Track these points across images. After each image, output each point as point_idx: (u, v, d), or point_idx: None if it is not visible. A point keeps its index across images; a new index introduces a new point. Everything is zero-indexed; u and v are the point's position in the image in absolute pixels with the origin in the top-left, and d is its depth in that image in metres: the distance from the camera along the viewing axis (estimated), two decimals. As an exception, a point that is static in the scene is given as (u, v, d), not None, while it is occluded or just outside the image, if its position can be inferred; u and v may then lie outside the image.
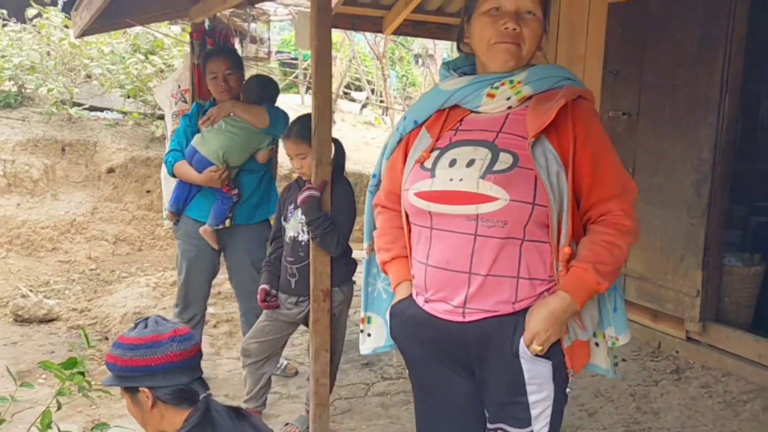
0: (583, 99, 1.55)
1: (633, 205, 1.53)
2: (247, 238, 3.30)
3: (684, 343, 3.82)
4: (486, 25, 1.53)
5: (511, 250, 1.47)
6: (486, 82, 1.56)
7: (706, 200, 3.55)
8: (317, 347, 2.63)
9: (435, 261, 1.53)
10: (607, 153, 1.52)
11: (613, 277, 1.51)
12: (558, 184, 1.45)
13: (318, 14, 2.44)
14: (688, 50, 3.58)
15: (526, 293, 1.50)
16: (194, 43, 4.27)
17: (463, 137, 1.56)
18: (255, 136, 3.23)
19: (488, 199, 1.44)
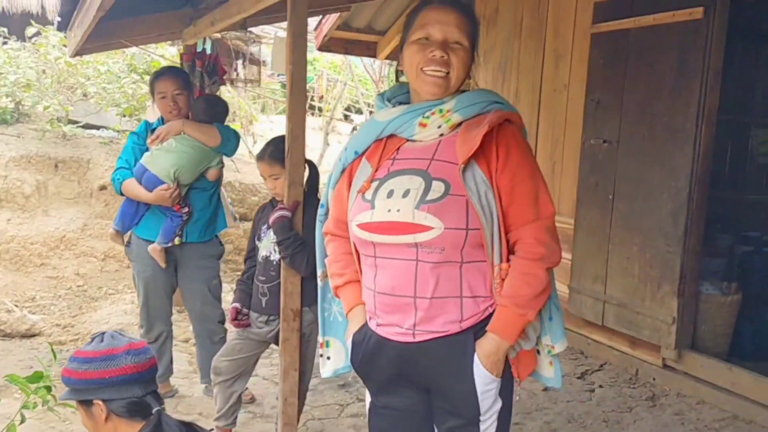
0: (510, 122, 1.63)
1: (546, 231, 1.57)
2: (199, 256, 3.34)
3: (660, 371, 3.83)
4: (415, 52, 1.62)
5: (451, 273, 1.55)
6: (417, 112, 1.64)
7: (682, 228, 3.58)
8: (286, 366, 2.66)
9: (382, 288, 1.60)
10: (524, 177, 1.58)
11: (536, 304, 1.56)
12: (488, 206, 1.53)
13: (293, 39, 2.51)
14: (666, 81, 3.64)
15: (471, 311, 1.57)
16: (184, 64, 4.35)
17: (399, 166, 1.63)
18: (206, 155, 3.27)
19: (424, 228, 1.51)
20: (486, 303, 1.58)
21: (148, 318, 3.40)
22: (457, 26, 1.61)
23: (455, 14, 1.62)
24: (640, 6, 3.77)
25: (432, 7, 1.64)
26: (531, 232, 1.55)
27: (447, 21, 1.61)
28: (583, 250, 4.24)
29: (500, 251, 1.55)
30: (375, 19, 6.71)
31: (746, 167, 5.69)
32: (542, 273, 1.55)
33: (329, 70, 17.10)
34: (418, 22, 1.63)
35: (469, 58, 1.64)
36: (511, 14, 4.94)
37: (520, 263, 1.55)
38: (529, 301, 1.54)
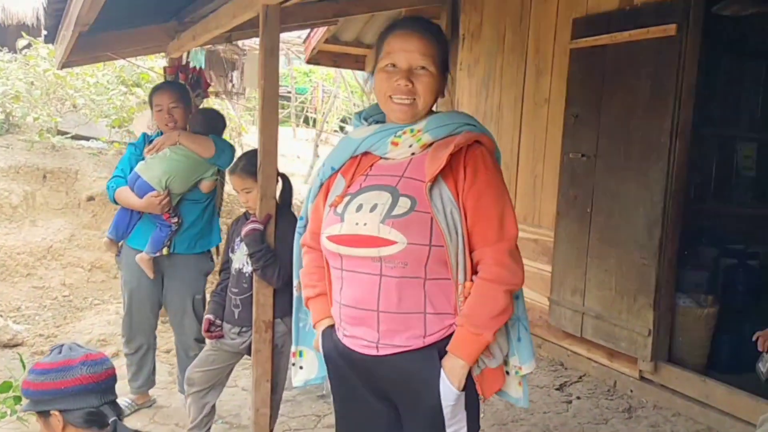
0: (479, 144, 1.66)
1: (508, 253, 1.60)
2: (187, 268, 3.35)
3: (638, 382, 3.86)
4: (383, 80, 1.67)
5: (414, 288, 1.58)
6: (390, 131, 1.69)
7: (657, 241, 3.62)
8: (258, 377, 2.69)
9: (347, 300, 1.64)
10: (489, 197, 1.61)
11: (493, 325, 1.58)
12: (453, 224, 1.56)
13: (265, 55, 2.55)
14: (642, 96, 3.69)
15: (435, 327, 1.60)
16: (167, 77, 4.40)
17: (371, 182, 1.68)
18: (199, 165, 3.30)
19: (388, 242, 1.55)
20: (450, 320, 1.60)
21: (129, 328, 3.42)
22: (420, 52, 1.64)
23: (418, 40, 1.65)
24: (616, 22, 3.83)
25: (395, 34, 1.68)
26: (493, 254, 1.59)
27: (410, 48, 1.63)
28: (562, 263, 4.27)
29: (465, 270, 1.58)
30: (363, 33, 6.77)
31: (731, 181, 5.75)
32: (500, 295, 1.57)
33: (325, 82, 17.19)
34: (385, 50, 1.67)
35: (437, 81, 1.68)
36: (493, 29, 5.01)
37: (479, 284, 1.58)
38: (485, 322, 1.56)
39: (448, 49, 1.75)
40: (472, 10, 5.26)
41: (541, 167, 4.59)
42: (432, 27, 1.72)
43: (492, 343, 1.61)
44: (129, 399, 3.46)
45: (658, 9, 3.58)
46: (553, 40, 4.45)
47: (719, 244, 4.99)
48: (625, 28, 3.74)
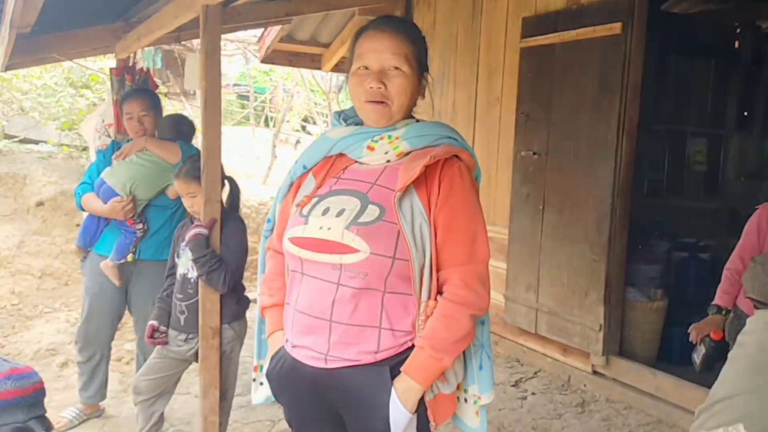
0: (458, 159, 1.58)
1: (477, 276, 1.52)
2: (153, 275, 3.28)
3: (590, 377, 3.91)
4: (355, 84, 1.59)
5: (371, 301, 1.50)
6: (367, 135, 1.62)
7: (606, 237, 3.67)
8: (206, 385, 2.65)
9: (300, 306, 1.56)
10: (463, 216, 1.53)
11: (454, 350, 1.51)
12: (421, 238, 1.49)
13: (207, 56, 2.51)
14: (589, 95, 3.74)
15: (388, 343, 1.51)
16: (113, 79, 4.30)
17: (341, 186, 1.60)
18: (165, 171, 3.23)
19: (351, 250, 1.47)
20: (405, 337, 1.52)
21: (85, 336, 3.34)
22: (392, 52, 1.56)
23: (390, 39, 1.57)
24: (563, 21, 3.87)
25: (367, 34, 1.61)
26: (461, 275, 1.51)
27: (381, 48, 1.56)
28: (516, 260, 4.31)
29: (429, 287, 1.50)
30: (318, 32, 6.73)
31: (683, 175, 5.88)
32: (465, 318, 1.50)
33: (285, 81, 17.06)
34: (357, 52, 1.61)
35: (411, 82, 1.59)
36: (446, 28, 5.02)
37: (443, 305, 1.50)
38: (447, 346, 1.48)
39: (425, 48, 1.66)
40: (426, 9, 5.27)
41: (494, 165, 4.61)
42: (405, 25, 1.65)
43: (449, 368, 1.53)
44: (77, 409, 3.38)
45: (603, 8, 3.63)
46: (504, 39, 4.48)
47: (672, 238, 5.09)
48: (573, 27, 3.78)
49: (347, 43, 6.61)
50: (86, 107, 6.56)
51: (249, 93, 15.80)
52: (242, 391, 3.28)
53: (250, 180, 8.75)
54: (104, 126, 4.70)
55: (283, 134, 13.21)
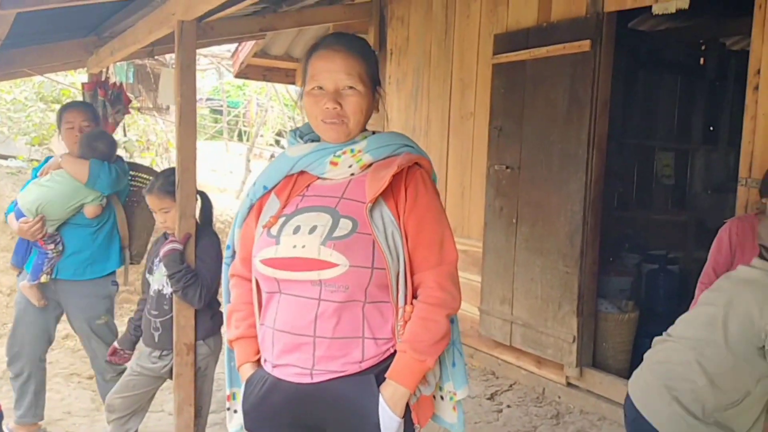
0: (419, 166, 1.63)
1: (448, 276, 1.58)
2: (79, 294, 3.24)
3: (565, 389, 3.95)
4: (311, 104, 1.60)
5: (353, 313, 1.52)
6: (329, 150, 1.63)
7: (578, 250, 3.73)
8: (180, 402, 2.62)
9: (281, 325, 1.55)
10: (430, 220, 1.58)
11: (435, 350, 1.55)
12: (395, 246, 1.53)
13: (181, 71, 2.51)
14: (560, 110, 3.81)
15: (372, 352, 1.54)
16: (86, 94, 4.27)
17: (308, 203, 1.61)
18: (78, 190, 3.16)
19: (329, 265, 1.48)
20: (387, 344, 1.55)
21: (10, 350, 3.29)
22: (345, 72, 1.58)
23: (343, 58, 1.59)
24: (534, 38, 3.94)
25: (318, 54, 1.62)
26: (434, 277, 1.56)
27: (334, 68, 1.58)
28: (491, 273, 4.35)
29: (405, 293, 1.54)
30: (293, 47, 6.76)
31: (652, 189, 5.99)
32: (442, 319, 1.55)
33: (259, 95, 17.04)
34: (309, 72, 1.61)
35: (366, 99, 1.62)
36: (420, 44, 5.08)
37: (421, 308, 1.54)
38: (428, 347, 1.53)
39: (376, 63, 1.69)
40: (399, 25, 5.33)
41: (468, 179, 4.66)
42: (356, 42, 1.66)
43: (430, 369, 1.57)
44: (8, 429, 3.30)
45: (572, 26, 3.71)
46: (476, 54, 4.55)
47: (641, 250, 5.18)
48: (543, 44, 3.86)
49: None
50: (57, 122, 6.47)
51: (222, 107, 15.74)
52: (217, 408, 3.24)
53: (223, 194, 8.71)
54: (76, 141, 4.66)
55: (257, 148, 13.19)
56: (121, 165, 3.32)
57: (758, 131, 2.95)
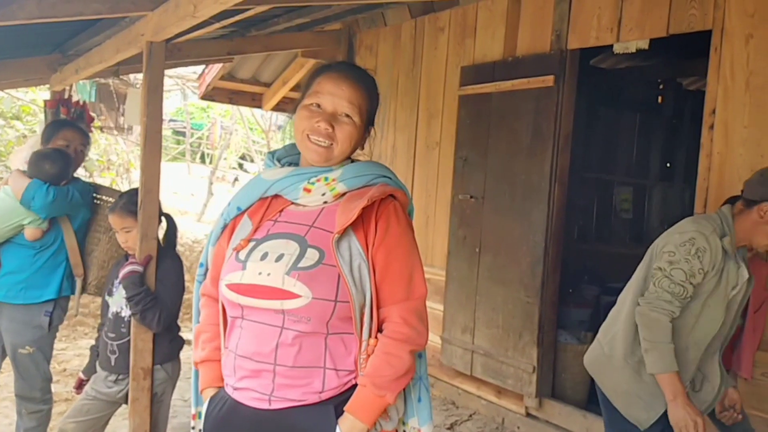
0: (393, 198, 1.62)
1: (415, 313, 1.55)
2: (8, 318, 3.09)
3: (524, 419, 3.97)
4: (304, 117, 1.60)
5: (315, 343, 1.51)
6: (303, 176, 1.62)
7: (539, 280, 3.78)
8: (135, 428, 2.56)
9: (242, 351, 1.54)
10: (399, 254, 1.56)
11: (396, 386, 1.53)
12: (360, 278, 1.51)
13: (148, 92, 2.49)
14: (523, 142, 3.88)
15: (333, 383, 1.52)
16: (48, 111, 4.20)
17: (279, 229, 1.60)
18: (14, 210, 3.04)
19: (292, 295, 1.47)
20: (348, 376, 1.54)
21: None
22: (348, 100, 1.59)
23: (350, 88, 1.60)
24: (500, 72, 4.03)
25: (329, 74, 1.63)
26: (399, 312, 1.53)
27: (339, 93, 1.59)
28: (453, 302, 4.36)
29: (369, 326, 1.52)
30: (260, 71, 6.78)
31: (611, 222, 6.12)
32: (405, 355, 1.52)
33: (223, 118, 16.98)
34: (314, 88, 1.62)
35: (358, 132, 1.62)
36: (388, 73, 5.13)
37: (384, 342, 1.52)
38: (389, 383, 1.51)
39: (377, 104, 1.70)
40: (368, 53, 5.39)
41: (433, 208, 4.70)
42: (366, 78, 1.67)
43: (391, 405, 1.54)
44: None
45: (537, 61, 3.80)
46: (443, 85, 4.62)
47: (600, 283, 5.27)
48: (509, 77, 3.94)
49: (289, 82, 6.68)
50: (16, 139, 6.34)
51: (185, 129, 15.62)
52: (174, 436, 3.17)
53: (184, 217, 8.60)
54: (35, 158, 4.57)
55: (220, 171, 13.09)
56: (77, 187, 3.16)
57: (713, 168, 3.05)
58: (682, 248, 2.12)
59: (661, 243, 2.23)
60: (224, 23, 3.47)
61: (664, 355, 2.12)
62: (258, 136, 15.20)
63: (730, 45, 2.99)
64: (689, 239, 2.13)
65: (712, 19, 3.05)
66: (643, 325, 2.15)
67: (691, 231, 2.15)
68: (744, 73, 2.94)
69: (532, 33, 3.93)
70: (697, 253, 2.10)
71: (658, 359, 2.13)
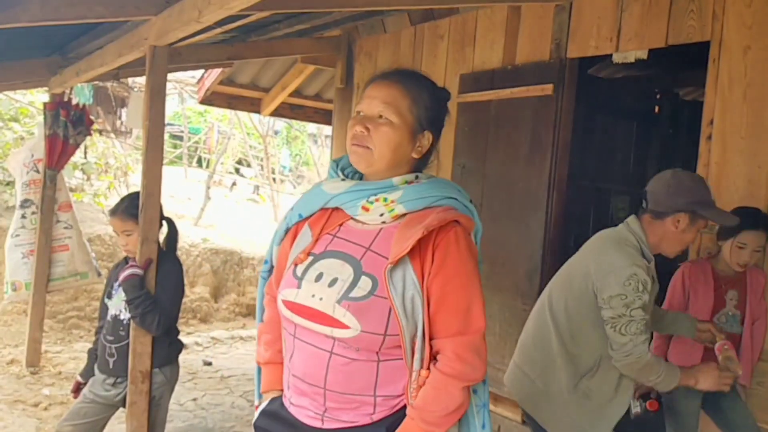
0: (456, 224, 1.53)
1: (470, 348, 1.50)
2: None
3: (520, 426, 3.96)
4: (350, 126, 1.58)
5: (366, 371, 1.48)
6: (363, 193, 1.57)
7: (537, 288, 3.78)
8: (133, 431, 2.55)
9: (295, 370, 1.55)
10: (456, 286, 1.49)
11: (445, 423, 1.48)
12: (412, 311, 1.46)
13: (151, 96, 2.50)
14: (522, 150, 3.90)
15: (383, 407, 1.51)
16: (47, 113, 4.20)
17: (337, 246, 1.57)
18: None
19: (342, 325, 1.45)
20: (398, 399, 1.51)
21: None
22: (383, 100, 1.54)
23: (387, 88, 1.56)
24: (499, 80, 4.04)
25: (374, 82, 1.60)
26: (453, 347, 1.47)
27: (376, 95, 1.56)
28: (450, 309, 4.36)
29: (421, 357, 1.46)
30: (259, 77, 6.78)
31: (607, 231, 6.12)
32: (457, 391, 1.47)
33: (221, 122, 16.97)
34: (362, 96, 1.60)
35: (399, 134, 1.54)
36: (386, 80, 5.14)
37: (436, 377, 1.46)
38: (438, 419, 1.46)
39: (430, 106, 1.60)
40: (367, 60, 5.40)
41: (430, 215, 4.70)
42: (411, 78, 1.61)
43: None
44: None
45: (536, 69, 3.82)
46: (442, 93, 4.63)
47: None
48: (508, 85, 3.96)
49: (288, 88, 6.69)
50: (13, 141, 6.33)
51: (183, 133, 15.60)
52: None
53: (181, 221, 8.58)
54: (33, 161, 4.58)
55: (217, 175, 13.08)
56: None
57: (711, 179, 3.06)
58: (629, 287, 2.06)
59: (598, 284, 2.13)
60: (225, 28, 3.48)
61: (669, 373, 2.13)
62: (255, 141, 15.19)
63: (728, 56, 3.02)
64: (631, 275, 2.07)
65: (711, 30, 3.08)
66: (639, 373, 2.14)
67: (627, 266, 2.09)
68: (742, 84, 2.96)
69: (531, 41, 3.95)
70: (645, 287, 2.08)
71: (670, 380, 2.14)
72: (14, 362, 4.71)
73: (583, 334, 2.18)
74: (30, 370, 4.57)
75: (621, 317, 2.07)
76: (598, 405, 2.20)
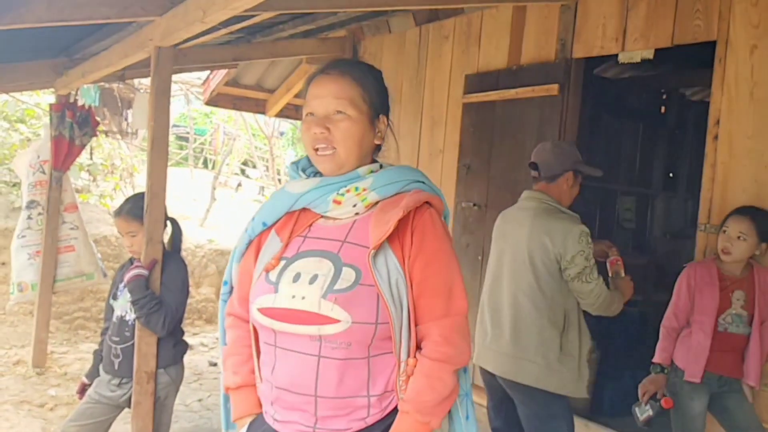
0: (429, 205, 1.51)
1: (456, 329, 1.45)
2: None
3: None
4: (304, 131, 1.52)
5: (357, 370, 1.42)
6: (332, 187, 1.52)
7: (542, 289, 3.76)
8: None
9: (280, 382, 1.46)
10: (437, 267, 1.46)
11: (440, 411, 1.44)
12: (399, 296, 1.42)
13: (156, 97, 2.50)
14: (528, 150, 3.85)
15: (377, 408, 1.45)
16: (53, 114, 4.22)
17: (309, 246, 1.50)
18: None
19: (330, 320, 1.37)
20: (388, 398, 1.45)
21: None
22: (334, 96, 1.49)
23: (333, 82, 1.50)
24: (504, 80, 4.03)
25: (315, 80, 1.54)
26: (439, 330, 1.42)
27: (324, 93, 1.50)
28: (455, 309, 4.35)
29: (408, 346, 1.42)
30: (264, 78, 6.79)
31: (613, 232, 6.12)
32: (448, 376, 1.42)
33: (226, 123, 17.00)
34: (306, 99, 1.54)
35: (359, 126, 1.50)
36: (392, 80, 5.14)
37: (425, 364, 1.42)
38: (433, 408, 1.41)
39: (379, 89, 1.59)
40: (372, 61, 5.39)
41: (435, 215, 4.69)
42: (354, 67, 1.57)
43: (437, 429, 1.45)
44: None
45: (542, 70, 3.81)
46: (447, 93, 4.63)
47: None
48: (513, 86, 3.95)
49: (293, 89, 6.70)
50: (20, 142, 6.35)
51: (188, 134, 15.64)
52: (175, 440, 3.17)
53: (186, 222, 8.59)
54: (39, 162, 4.60)
55: (222, 176, 13.11)
56: None
57: (717, 179, 3.05)
58: (584, 242, 2.43)
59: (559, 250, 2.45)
60: (231, 29, 3.49)
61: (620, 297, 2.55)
62: (260, 143, 15.22)
63: (734, 56, 3.00)
64: (581, 232, 2.45)
65: (717, 29, 3.06)
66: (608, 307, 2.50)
67: (575, 226, 2.47)
68: (748, 83, 2.95)
69: (536, 42, 3.94)
70: (589, 237, 2.47)
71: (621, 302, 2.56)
72: (20, 363, 4.73)
73: (555, 299, 2.49)
74: (36, 370, 4.59)
75: (585, 269, 2.43)
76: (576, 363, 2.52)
